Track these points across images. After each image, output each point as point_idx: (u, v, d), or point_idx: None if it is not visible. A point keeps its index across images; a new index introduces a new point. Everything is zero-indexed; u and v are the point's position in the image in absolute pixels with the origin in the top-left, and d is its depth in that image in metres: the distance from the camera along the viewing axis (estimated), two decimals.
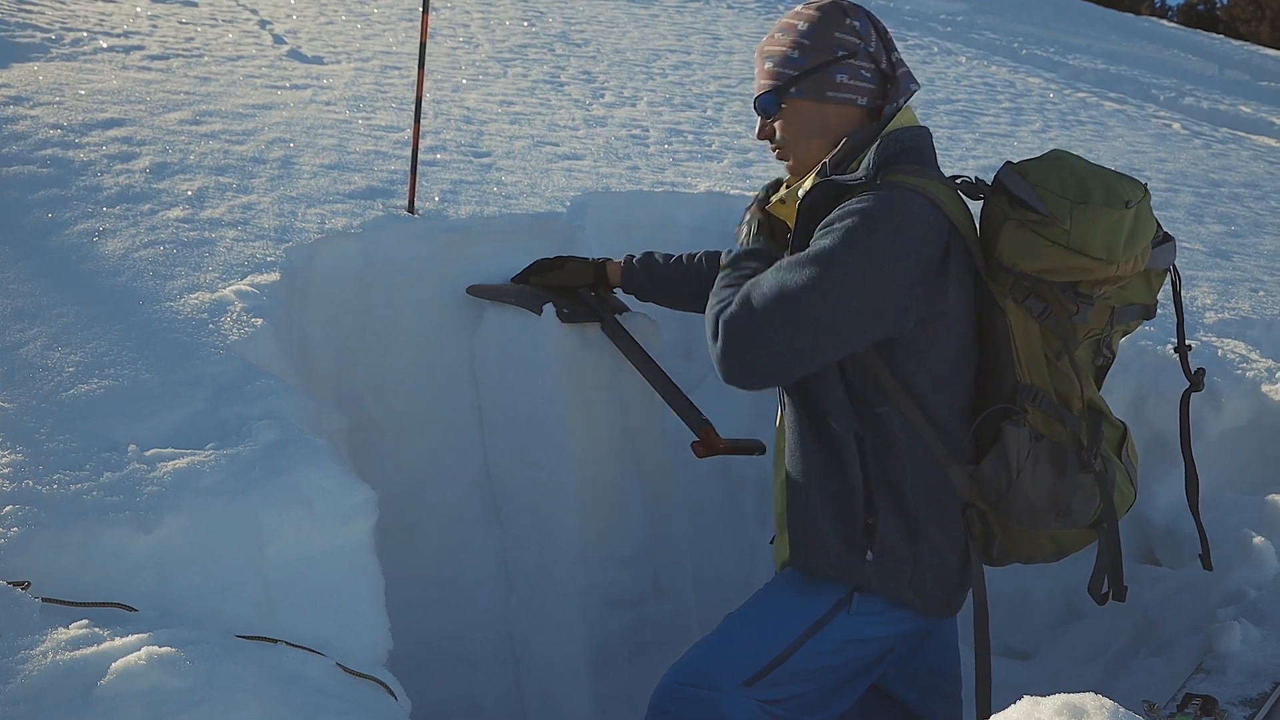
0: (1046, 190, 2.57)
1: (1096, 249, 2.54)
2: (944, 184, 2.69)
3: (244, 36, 6.46)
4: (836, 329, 2.59)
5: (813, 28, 2.79)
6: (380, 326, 3.74)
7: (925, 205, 2.59)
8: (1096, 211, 2.54)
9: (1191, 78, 13.76)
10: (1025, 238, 2.59)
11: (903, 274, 2.57)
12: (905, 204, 2.58)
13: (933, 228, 2.59)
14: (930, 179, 2.66)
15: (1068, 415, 2.68)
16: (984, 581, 2.75)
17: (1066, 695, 1.88)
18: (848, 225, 2.57)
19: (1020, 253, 2.60)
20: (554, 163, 4.91)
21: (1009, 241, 2.61)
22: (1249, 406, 3.83)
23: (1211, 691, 2.79)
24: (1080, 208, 2.54)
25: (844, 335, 2.60)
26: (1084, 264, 2.56)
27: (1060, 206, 2.55)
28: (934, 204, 2.60)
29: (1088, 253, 2.55)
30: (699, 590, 4.01)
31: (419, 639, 3.44)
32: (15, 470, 2.40)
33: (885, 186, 2.61)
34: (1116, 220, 2.54)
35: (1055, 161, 2.67)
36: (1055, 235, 2.55)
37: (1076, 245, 2.54)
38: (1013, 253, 2.61)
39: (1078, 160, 2.68)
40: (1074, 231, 2.54)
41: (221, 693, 1.99)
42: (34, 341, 2.85)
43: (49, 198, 3.57)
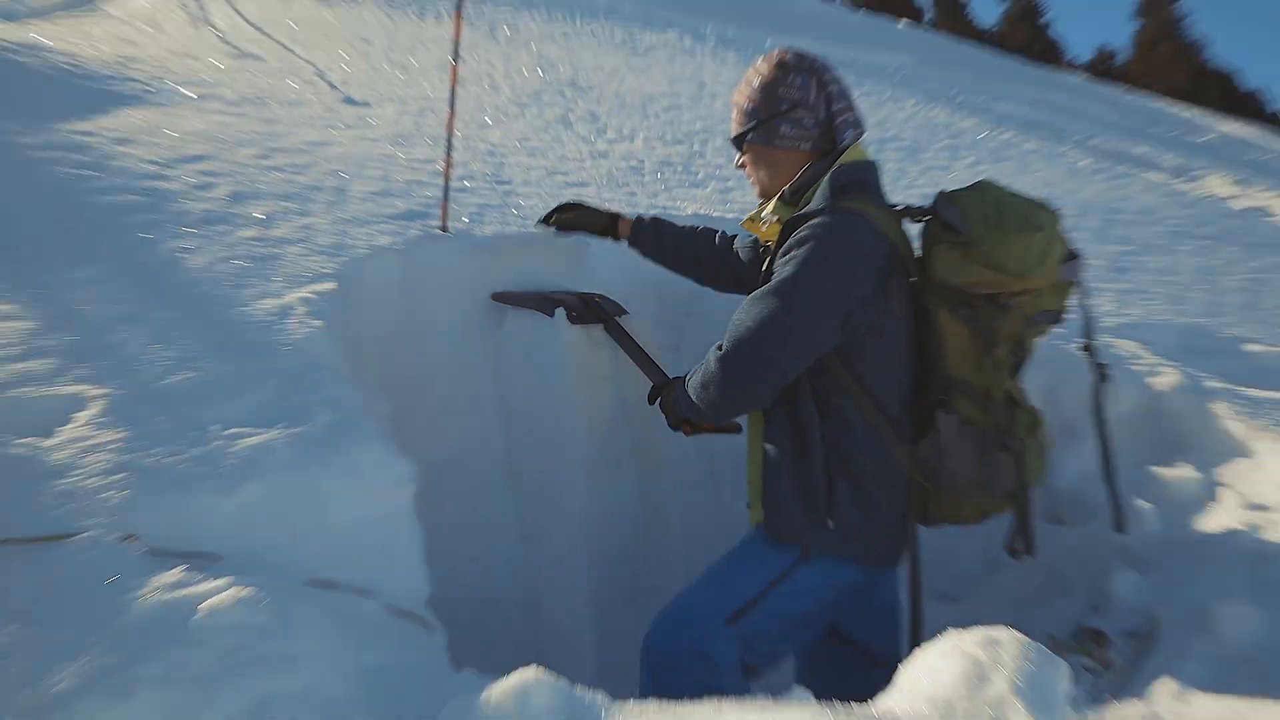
0: (971, 217, 2.64)
1: (1010, 265, 2.60)
2: (883, 209, 2.73)
3: (304, 85, 6.47)
4: (815, 339, 2.64)
5: (763, 85, 2.86)
6: (419, 327, 3.77)
7: (867, 227, 2.64)
8: (1011, 235, 2.59)
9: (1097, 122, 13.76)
10: (953, 256, 2.64)
11: (855, 284, 2.62)
12: (850, 226, 2.63)
13: (875, 246, 2.64)
14: (871, 205, 2.70)
15: (990, 405, 2.73)
16: (917, 541, 2.81)
17: (986, 629, 1.93)
18: (805, 250, 2.62)
19: (949, 269, 2.65)
20: (564, 189, 4.94)
21: (940, 259, 2.67)
22: (1138, 395, 3.87)
23: (1102, 625, 2.82)
24: (996, 231, 2.60)
25: (820, 343, 2.66)
26: (1001, 279, 2.62)
27: (980, 230, 2.61)
28: (873, 226, 2.66)
29: (1004, 269, 2.60)
30: (684, 546, 4.03)
31: (451, 587, 3.45)
32: (123, 445, 2.43)
33: (832, 213, 2.66)
34: (1026, 242, 2.60)
35: (981, 191, 2.72)
36: (977, 255, 2.61)
37: (994, 264, 2.60)
38: (943, 269, 2.66)
39: (1000, 190, 2.73)
40: (991, 251, 2.59)
41: (291, 627, 2.03)
42: (135, 340, 2.88)
43: (145, 221, 3.60)
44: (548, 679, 1.87)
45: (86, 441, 2.43)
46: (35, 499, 2.25)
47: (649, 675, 2.72)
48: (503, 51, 9.48)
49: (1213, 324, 5.04)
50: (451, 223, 4.01)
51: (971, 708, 1.78)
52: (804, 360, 2.68)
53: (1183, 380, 3.86)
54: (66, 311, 2.98)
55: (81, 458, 2.38)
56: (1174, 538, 3.19)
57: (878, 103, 10.61)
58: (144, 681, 1.84)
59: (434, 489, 3.24)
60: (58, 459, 2.37)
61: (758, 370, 2.67)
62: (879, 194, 2.83)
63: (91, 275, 3.18)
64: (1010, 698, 1.78)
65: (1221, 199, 9.37)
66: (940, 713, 1.78)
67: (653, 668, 2.71)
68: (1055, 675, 1.84)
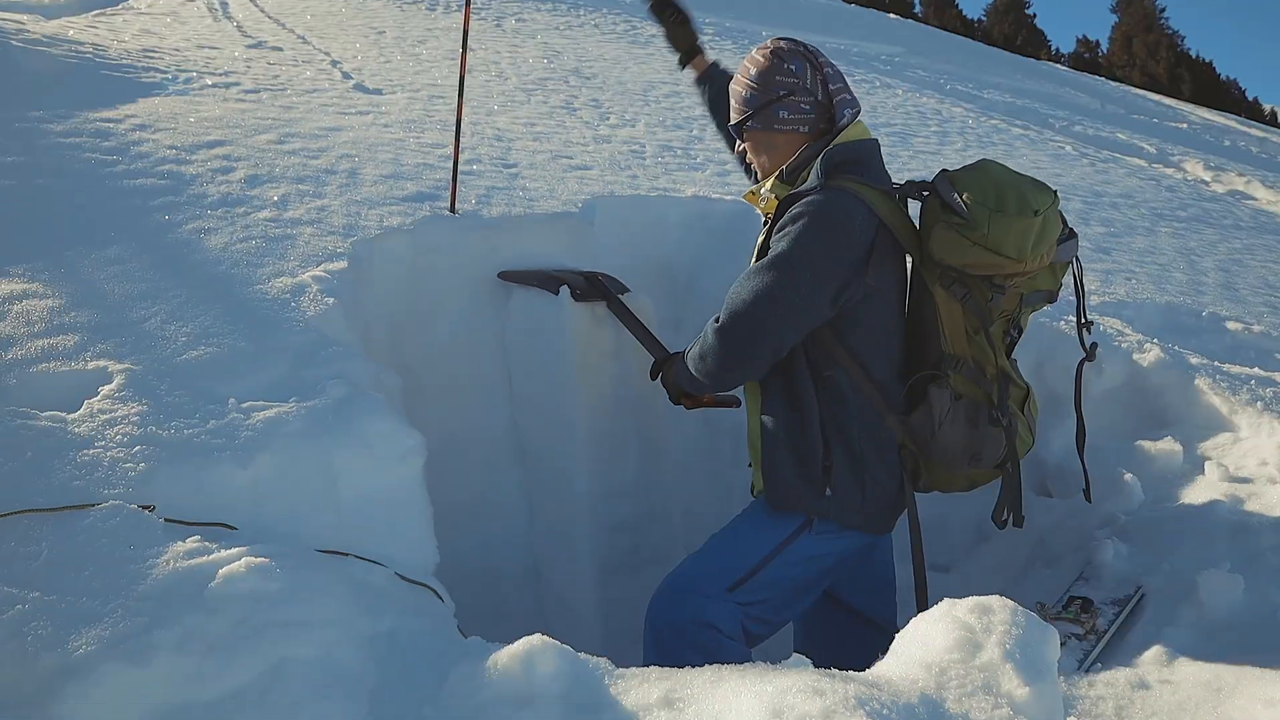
0: (970, 198, 2.58)
1: (1009, 250, 2.55)
2: (875, 188, 2.68)
3: (319, 74, 6.43)
4: (809, 312, 2.62)
5: (760, 73, 2.81)
6: (427, 305, 3.75)
7: (857, 204, 2.60)
8: (1010, 220, 2.53)
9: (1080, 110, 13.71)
10: (951, 238, 2.59)
11: (845, 259, 2.59)
12: (840, 204, 2.59)
13: (865, 223, 2.61)
14: (862, 184, 2.66)
15: (982, 380, 2.70)
16: (916, 507, 2.78)
17: (978, 597, 1.91)
18: (798, 227, 2.60)
19: (947, 250, 2.61)
20: (568, 172, 4.90)
21: (938, 240, 2.62)
22: (1123, 371, 3.84)
23: (1089, 594, 2.81)
24: (997, 215, 2.54)
25: (813, 315, 2.63)
26: (998, 262, 2.57)
27: (980, 214, 2.54)
28: (864, 203, 2.62)
29: (1001, 253, 2.55)
30: (684, 518, 4.02)
31: (459, 556, 3.45)
32: (142, 419, 2.42)
33: (824, 191, 2.63)
34: (1026, 227, 2.54)
35: (981, 172, 2.66)
36: (976, 237, 2.55)
37: (993, 246, 2.55)
38: (941, 249, 2.62)
39: (1001, 170, 2.68)
40: (991, 235, 2.54)
41: (305, 594, 2.02)
42: (155, 317, 2.85)
43: (165, 203, 3.58)
44: (553, 645, 1.85)
45: (108, 415, 2.42)
46: (58, 470, 2.24)
47: (652, 643, 2.70)
48: (509, 41, 9.41)
49: (1193, 303, 5.01)
50: (460, 204, 3.98)
51: (964, 673, 1.76)
52: (798, 332, 2.65)
53: (1166, 357, 3.83)
54: (89, 290, 2.96)
55: (103, 430, 2.37)
56: (1159, 509, 3.17)
57: (869, 90, 10.54)
58: (162, 647, 1.83)
59: (441, 463, 3.22)
60: (80, 431, 2.36)
61: (753, 342, 2.65)
62: (876, 172, 2.77)
63: (113, 255, 3.15)
64: (1001, 663, 1.76)
65: (1199, 183, 9.33)
66: (934, 678, 1.76)
67: (656, 636, 2.69)
68: (1045, 642, 1.82)
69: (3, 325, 2.70)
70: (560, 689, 1.79)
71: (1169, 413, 3.76)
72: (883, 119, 8.99)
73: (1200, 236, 6.89)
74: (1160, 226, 6.95)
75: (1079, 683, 2.32)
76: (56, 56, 5.28)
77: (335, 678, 1.90)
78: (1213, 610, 2.57)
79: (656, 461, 3.92)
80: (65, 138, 4.03)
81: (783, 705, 1.55)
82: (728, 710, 1.63)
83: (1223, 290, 5.51)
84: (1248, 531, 2.88)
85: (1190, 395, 3.71)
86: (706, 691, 1.73)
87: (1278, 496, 3.05)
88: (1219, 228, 7.33)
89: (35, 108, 4.33)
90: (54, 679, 1.76)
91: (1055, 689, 1.76)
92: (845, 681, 1.67)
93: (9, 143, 3.89)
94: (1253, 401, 3.58)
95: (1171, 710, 2.19)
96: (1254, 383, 3.74)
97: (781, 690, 1.61)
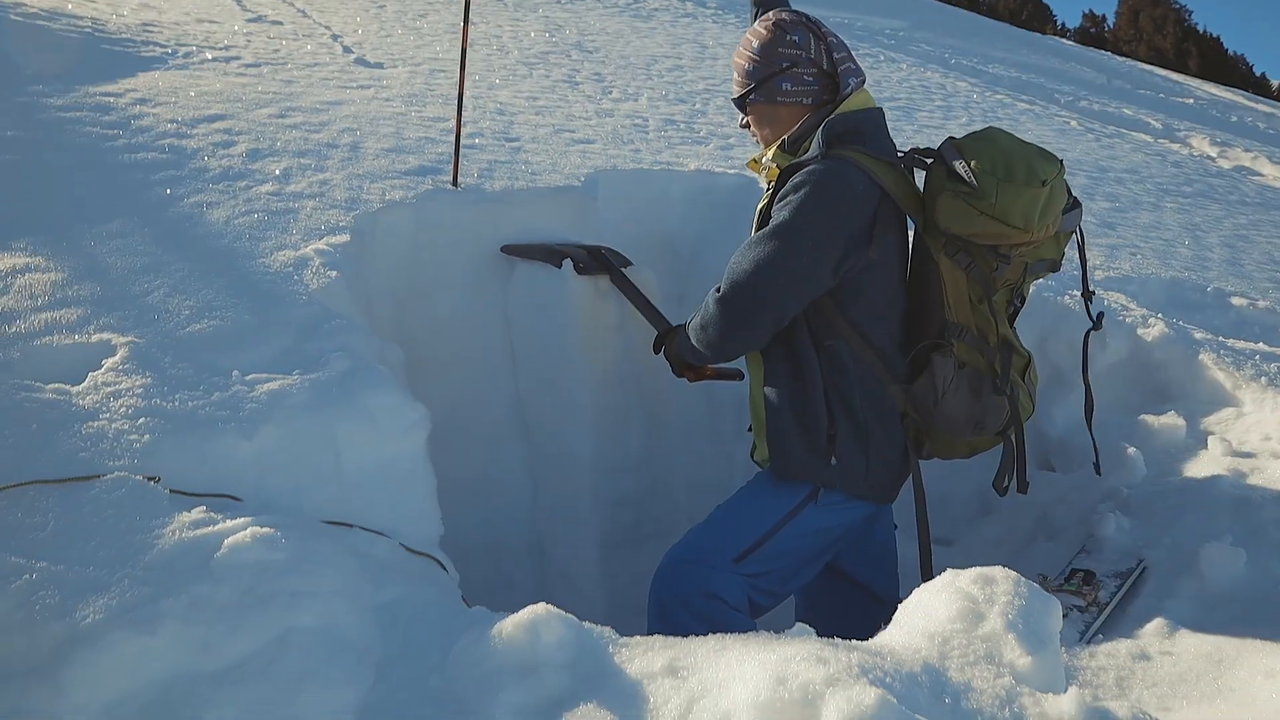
0: (978, 167, 2.56)
1: (1015, 219, 2.54)
2: (876, 157, 2.67)
3: (320, 48, 6.41)
4: (809, 281, 2.61)
5: (762, 45, 2.80)
6: (430, 278, 3.75)
7: (858, 174, 2.60)
8: (1017, 190, 2.52)
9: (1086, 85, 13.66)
10: (958, 207, 2.58)
11: (846, 228, 2.58)
12: (841, 173, 2.59)
13: (866, 191, 2.60)
14: (864, 154, 2.65)
15: (985, 348, 2.70)
16: (921, 476, 2.79)
17: (981, 568, 1.93)
18: (799, 196, 2.60)
19: (953, 218, 2.60)
20: (571, 146, 4.90)
21: (944, 208, 2.60)
22: (1128, 345, 3.85)
23: (1091, 567, 2.82)
24: (1004, 185, 2.52)
25: (814, 284, 2.63)
26: (1005, 231, 2.56)
27: (988, 183, 2.53)
28: (865, 172, 2.61)
29: (1009, 223, 2.54)
30: (687, 492, 4.03)
31: (462, 530, 3.46)
32: (146, 391, 2.42)
33: (825, 160, 2.63)
34: (1033, 196, 2.53)
35: (989, 141, 2.64)
36: (983, 207, 2.54)
37: (1000, 216, 2.54)
38: (946, 218, 2.61)
39: (1008, 139, 2.66)
40: (998, 204, 2.53)
41: (310, 564, 2.03)
42: (158, 290, 2.86)
43: (167, 178, 3.57)
44: (558, 615, 1.87)
45: (112, 387, 2.43)
46: (63, 442, 2.24)
47: (657, 613, 2.71)
48: (511, 15, 9.37)
49: (1198, 278, 5.01)
50: (462, 178, 3.98)
51: (967, 643, 1.78)
52: (799, 301, 2.65)
53: (1170, 332, 3.83)
54: (92, 264, 2.96)
55: (108, 402, 2.37)
56: (1162, 483, 3.18)
57: (873, 64, 10.50)
58: (168, 616, 1.84)
59: (444, 437, 3.24)
60: (85, 403, 2.36)
61: (754, 311, 2.65)
62: (879, 141, 2.76)
63: (115, 229, 3.15)
64: (1004, 633, 1.78)
65: (1205, 158, 9.31)
66: (937, 647, 1.77)
67: (661, 606, 2.70)
68: (1047, 612, 1.83)
69: (6, 299, 2.70)
70: (565, 658, 1.81)
71: (1173, 387, 3.76)
72: (887, 93, 8.97)
73: (1205, 212, 6.88)
74: (1165, 202, 6.94)
75: (1080, 654, 2.34)
76: (55, 30, 5.26)
77: (341, 647, 1.92)
78: (1214, 583, 2.58)
79: (660, 435, 3.93)
80: (65, 112, 4.02)
81: (786, 673, 1.57)
82: (732, 678, 1.65)
83: (1227, 266, 5.51)
84: (1250, 505, 2.89)
85: (1194, 370, 3.71)
86: (710, 660, 1.75)
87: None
88: (1224, 203, 7.32)
89: (34, 82, 4.33)
90: (62, 647, 1.77)
91: (1057, 659, 1.77)
92: (848, 650, 1.68)
93: (9, 117, 3.88)
94: (1256, 376, 3.59)
95: (1172, 681, 2.21)
96: (1258, 358, 3.74)
97: (785, 659, 1.62)
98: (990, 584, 1.88)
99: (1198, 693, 2.14)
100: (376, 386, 2.57)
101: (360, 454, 2.47)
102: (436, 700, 1.83)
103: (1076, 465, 3.45)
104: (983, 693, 1.65)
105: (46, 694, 1.73)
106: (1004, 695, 1.64)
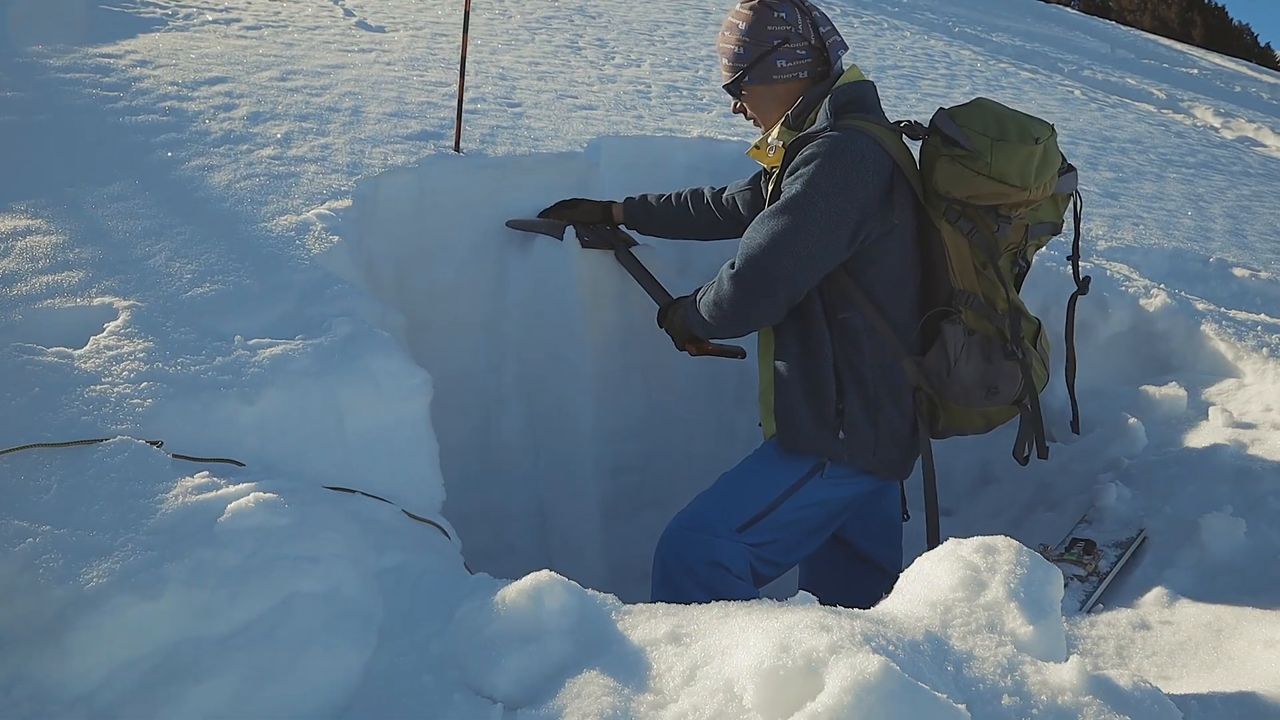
0: (972, 130, 2.60)
1: (1012, 178, 2.57)
2: (884, 126, 2.69)
3: (320, 10, 6.36)
4: (825, 254, 2.61)
5: (750, 27, 2.79)
6: (432, 243, 3.73)
7: (869, 142, 2.60)
8: (1012, 147, 2.56)
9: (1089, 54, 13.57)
10: (955, 170, 2.60)
11: (861, 198, 2.58)
12: (853, 142, 2.59)
13: (878, 160, 2.60)
14: (871, 122, 2.66)
15: (994, 314, 2.71)
16: (931, 451, 2.79)
17: (983, 537, 1.93)
18: (812, 168, 2.59)
19: (951, 182, 2.62)
20: (573, 112, 4.87)
21: (942, 173, 2.63)
22: (1129, 316, 3.84)
23: (1092, 536, 2.83)
24: (999, 144, 2.56)
25: (830, 257, 2.63)
26: (1003, 190, 2.58)
27: (982, 144, 2.57)
28: (876, 141, 2.61)
29: (1006, 180, 2.57)
30: (688, 460, 4.03)
31: (465, 495, 3.47)
32: (148, 355, 2.41)
33: (836, 129, 2.62)
34: (1028, 154, 2.57)
35: (979, 106, 2.69)
36: (979, 167, 2.57)
37: (997, 175, 2.57)
38: (945, 182, 2.63)
39: (997, 105, 2.70)
40: (994, 164, 2.56)
41: (313, 529, 2.03)
42: (159, 254, 2.84)
43: (168, 140, 3.55)
44: (561, 581, 1.87)
45: (114, 351, 2.42)
46: (66, 405, 2.24)
47: (660, 580, 2.72)
48: None
49: (1201, 249, 4.99)
50: (464, 143, 3.96)
51: (969, 611, 1.78)
52: (815, 274, 2.64)
53: (1172, 302, 3.83)
54: (93, 227, 2.94)
55: (110, 366, 2.37)
56: (1163, 453, 3.18)
57: (877, 32, 10.44)
58: (172, 580, 1.84)
59: (446, 402, 3.24)
60: (87, 367, 2.36)
61: (770, 285, 2.63)
62: (879, 111, 2.79)
63: (117, 192, 3.14)
64: (1006, 602, 1.78)
65: (1209, 129, 9.26)
66: (939, 616, 1.78)
67: (665, 574, 2.71)
68: (1049, 581, 1.84)
69: (6, 262, 2.69)
70: (568, 624, 1.81)
71: (1174, 358, 3.76)
72: (890, 61, 8.92)
73: (1209, 183, 6.85)
74: (1169, 172, 6.91)
75: (1081, 623, 2.34)
76: None
77: (344, 612, 1.92)
78: (1214, 553, 2.59)
79: (662, 402, 3.93)
80: (65, 73, 3.99)
81: (789, 640, 1.57)
82: (735, 645, 1.65)
83: (1230, 237, 5.49)
84: (1250, 476, 2.89)
85: (1196, 341, 3.71)
86: (714, 627, 1.75)
87: None
88: (1228, 174, 7.29)
89: (34, 42, 4.29)
90: (66, 610, 1.77)
91: (1059, 628, 1.78)
92: (851, 618, 1.68)
93: (8, 78, 3.85)
94: (1258, 347, 3.58)
95: (1172, 650, 2.21)
96: (1260, 329, 3.74)
97: (788, 626, 1.62)
98: (992, 553, 1.88)
99: (1197, 662, 2.15)
100: (379, 351, 2.56)
101: (363, 419, 2.46)
102: (438, 666, 1.84)
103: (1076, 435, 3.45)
104: (984, 661, 1.65)
105: (50, 659, 1.73)
106: (1005, 664, 1.65)
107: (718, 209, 3.33)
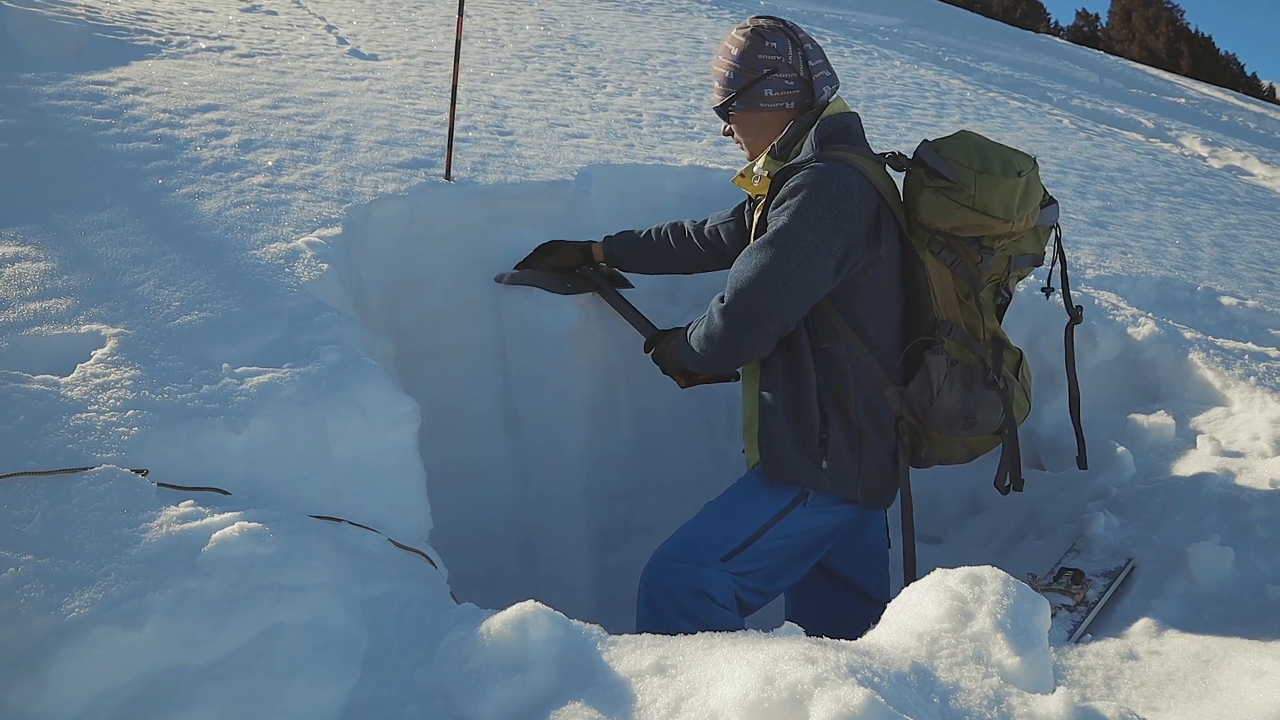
0: (956, 162, 2.62)
1: (996, 209, 2.59)
2: (868, 157, 2.70)
3: (314, 38, 6.38)
4: (813, 285, 2.62)
5: (742, 53, 2.82)
6: (422, 271, 3.73)
7: (854, 174, 2.62)
8: (995, 180, 2.58)
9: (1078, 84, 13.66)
10: (939, 201, 2.63)
11: (848, 229, 2.59)
12: (839, 174, 2.60)
13: (864, 191, 2.62)
14: (856, 153, 2.68)
15: (976, 344, 2.72)
16: (909, 480, 2.79)
17: (970, 567, 1.92)
18: (798, 200, 2.60)
19: (935, 213, 2.64)
20: (564, 140, 4.88)
21: (926, 204, 2.65)
22: (1117, 344, 3.85)
23: (1080, 566, 2.82)
24: (983, 176, 2.58)
25: (817, 288, 2.64)
26: (986, 222, 2.60)
27: (966, 176, 2.59)
28: (860, 172, 2.63)
29: (989, 212, 2.59)
30: (678, 487, 4.02)
31: (452, 524, 3.45)
32: (135, 383, 2.40)
33: (821, 160, 2.63)
34: (1011, 186, 2.59)
35: (963, 139, 2.71)
36: (963, 199, 2.59)
37: (980, 206, 2.59)
38: (929, 213, 2.65)
39: (980, 138, 2.72)
40: (978, 196, 2.58)
41: (298, 558, 2.01)
42: (148, 281, 2.83)
43: (159, 167, 3.55)
44: (546, 611, 1.86)
45: (101, 379, 2.41)
46: (52, 433, 2.22)
47: (645, 610, 2.70)
48: (506, 8, 9.35)
49: (1188, 277, 5.01)
50: (455, 171, 3.96)
51: (955, 642, 1.77)
52: (804, 305, 2.65)
53: (1160, 331, 3.83)
54: (82, 254, 2.93)
55: (96, 394, 2.35)
56: (1151, 482, 3.18)
57: (867, 61, 10.50)
58: (155, 610, 1.82)
59: (435, 431, 3.22)
60: (73, 395, 2.34)
61: (760, 317, 2.64)
62: (864, 143, 2.81)
63: (106, 219, 3.13)
64: (993, 633, 1.77)
65: (1196, 158, 9.31)
66: (925, 647, 1.77)
67: (649, 603, 2.69)
68: (1036, 612, 1.83)
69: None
70: (553, 654, 1.80)
71: (1162, 386, 3.77)
72: (880, 90, 8.96)
73: (1196, 211, 6.89)
74: (1156, 201, 6.94)
75: (1069, 653, 2.33)
76: (49, 18, 5.23)
77: (328, 642, 1.90)
78: (1202, 582, 2.58)
79: (650, 430, 3.93)
80: (57, 100, 4.00)
81: (775, 672, 1.56)
82: (720, 677, 1.64)
83: (1218, 265, 5.51)
84: (1238, 505, 2.89)
85: (1184, 369, 3.72)
86: (699, 658, 1.74)
87: (1268, 471, 3.07)
88: (1215, 203, 7.33)
89: (27, 69, 4.30)
90: (47, 640, 1.75)
91: (1046, 659, 1.77)
92: (837, 650, 1.67)
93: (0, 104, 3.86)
94: (1245, 376, 3.59)
95: (1160, 681, 2.20)
96: (1247, 357, 3.74)
97: (774, 658, 1.61)
98: (979, 583, 1.87)
99: (1185, 692, 2.14)
100: (367, 379, 2.55)
101: (350, 447, 2.45)
102: (423, 696, 1.82)
103: (1066, 464, 3.45)
104: (971, 693, 1.64)
105: (31, 688, 1.71)
106: (992, 695, 1.64)
107: (700, 242, 3.34)
